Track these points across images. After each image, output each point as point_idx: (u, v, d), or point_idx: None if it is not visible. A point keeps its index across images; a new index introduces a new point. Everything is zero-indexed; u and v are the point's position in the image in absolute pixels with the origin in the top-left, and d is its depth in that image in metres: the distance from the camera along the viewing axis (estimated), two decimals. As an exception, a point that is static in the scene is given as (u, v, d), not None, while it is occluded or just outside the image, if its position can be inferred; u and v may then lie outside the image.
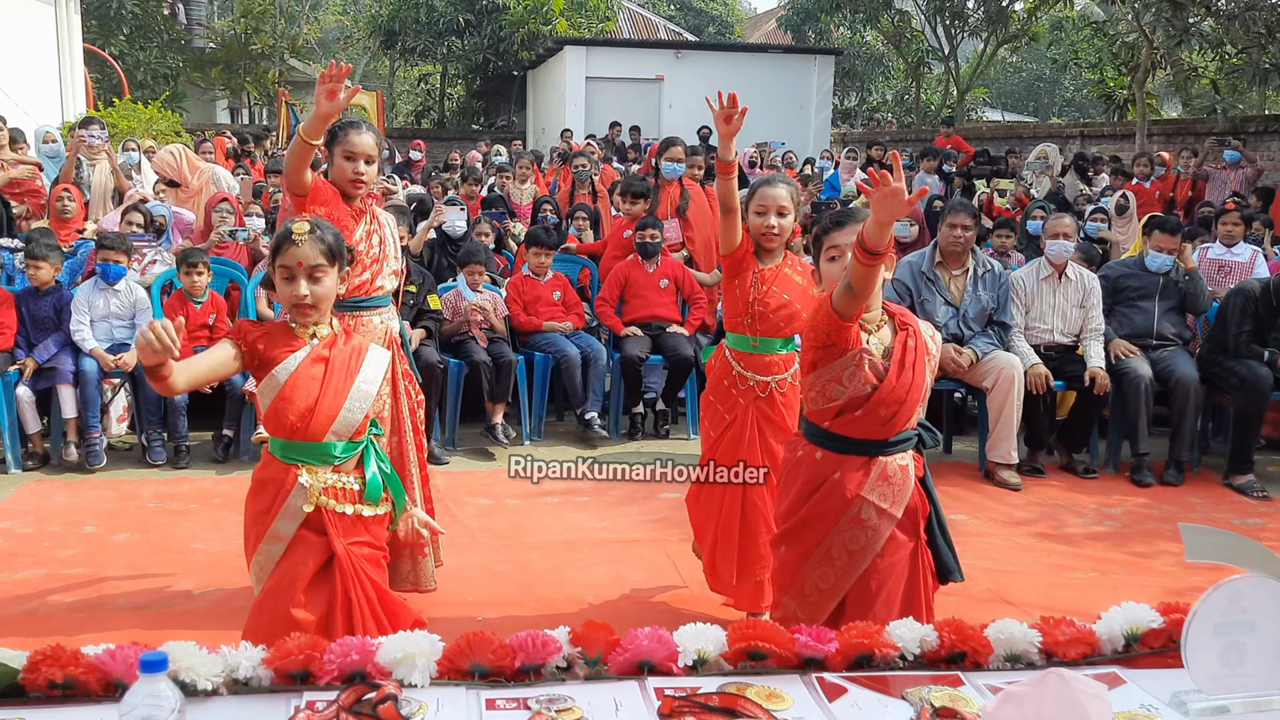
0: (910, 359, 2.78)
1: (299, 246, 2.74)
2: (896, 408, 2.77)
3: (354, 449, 2.82)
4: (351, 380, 2.78)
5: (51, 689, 1.82)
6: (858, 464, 2.81)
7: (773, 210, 3.75)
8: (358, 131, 3.82)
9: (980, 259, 6.29)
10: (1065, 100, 34.24)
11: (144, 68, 21.05)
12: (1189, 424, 6.19)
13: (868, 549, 2.82)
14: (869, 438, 2.80)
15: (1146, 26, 13.83)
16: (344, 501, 2.78)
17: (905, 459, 2.84)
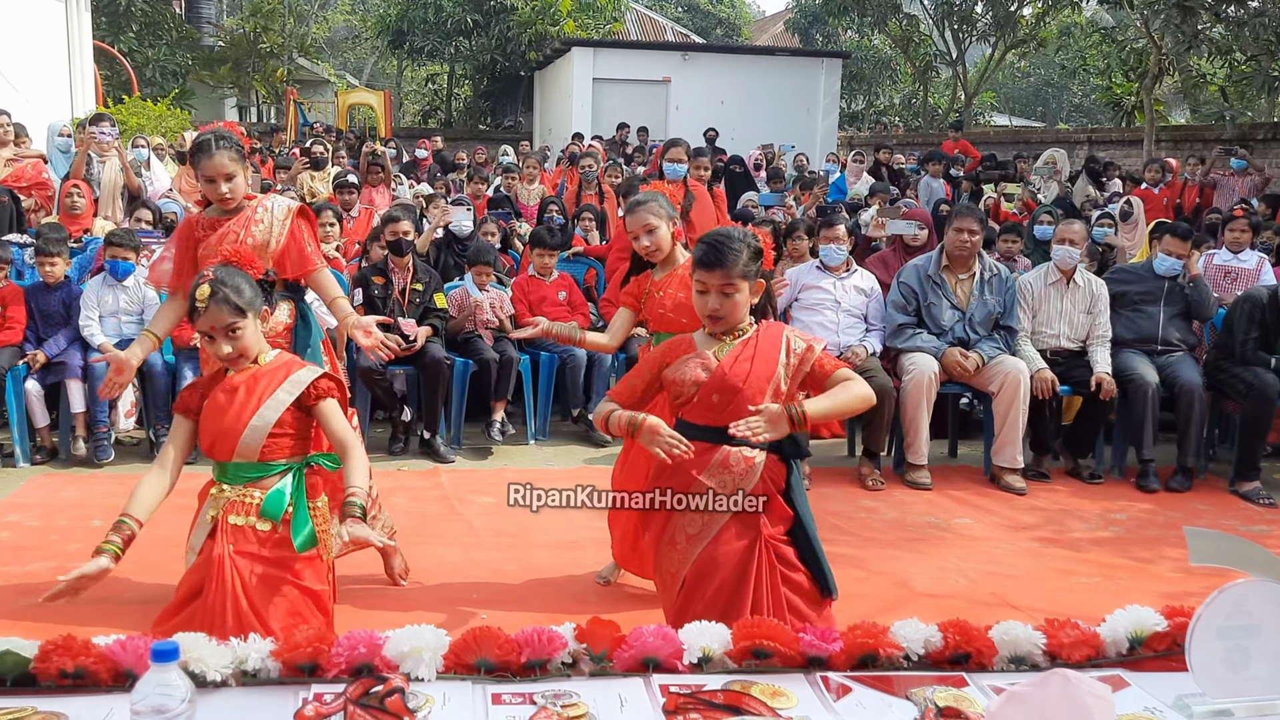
0: (747, 354, 2.89)
1: (207, 312, 2.92)
2: (730, 395, 2.86)
3: (267, 471, 2.96)
4: (256, 407, 2.93)
5: (63, 678, 1.83)
6: (700, 449, 2.87)
7: (641, 233, 4.05)
8: (208, 155, 3.84)
9: (987, 263, 6.30)
10: (1073, 106, 34.25)
11: (153, 65, 21.08)
12: (1195, 430, 6.18)
13: (703, 533, 2.90)
14: (709, 424, 2.87)
15: (1155, 32, 13.83)
16: (239, 514, 2.94)
17: (751, 454, 2.88)
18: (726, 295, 2.88)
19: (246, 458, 2.93)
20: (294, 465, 2.99)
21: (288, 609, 2.93)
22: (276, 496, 2.93)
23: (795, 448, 2.94)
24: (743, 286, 2.89)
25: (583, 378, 6.73)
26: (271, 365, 3.04)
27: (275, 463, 2.96)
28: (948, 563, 4.87)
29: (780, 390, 2.88)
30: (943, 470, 6.33)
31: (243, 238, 3.88)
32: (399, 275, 6.47)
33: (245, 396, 2.94)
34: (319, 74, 26.73)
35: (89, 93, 15.29)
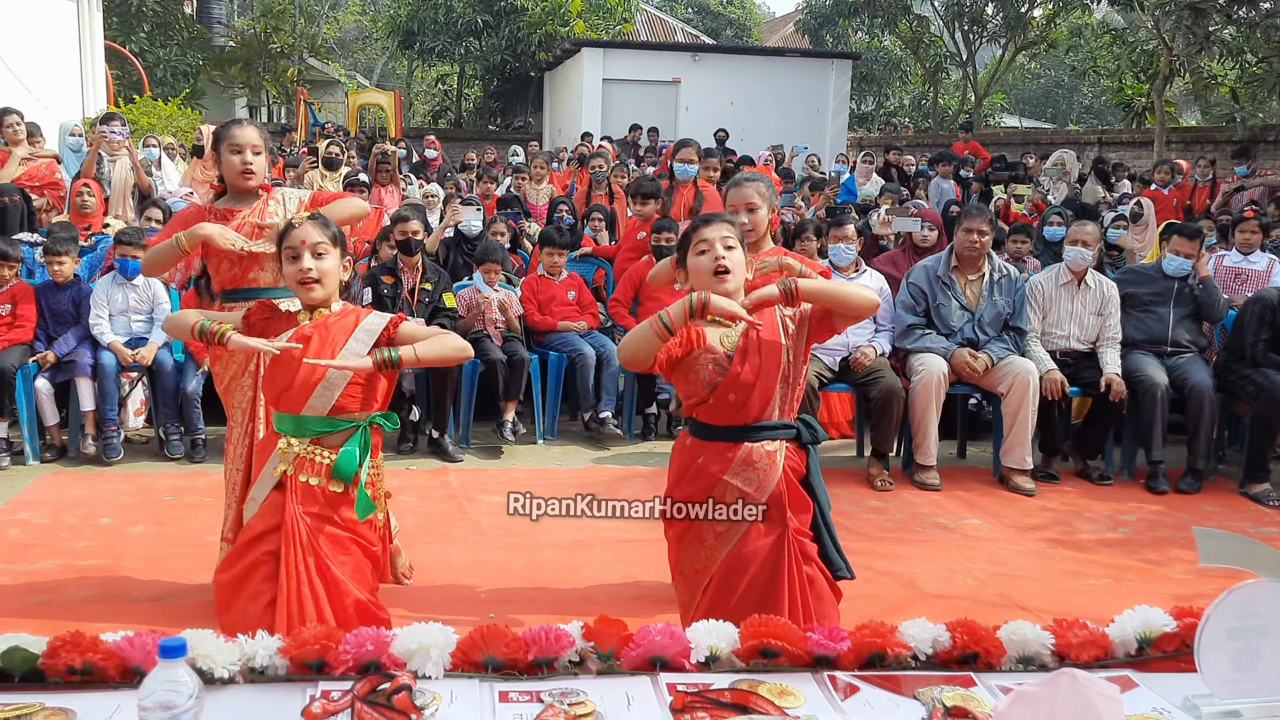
0: (754, 348, 2.89)
1: (300, 228, 3.00)
2: (746, 394, 2.88)
3: (336, 426, 2.96)
4: (331, 355, 2.92)
5: (70, 674, 1.84)
6: (722, 449, 2.92)
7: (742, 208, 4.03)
8: (239, 126, 3.97)
9: (996, 264, 6.28)
10: (1083, 107, 34.17)
11: (164, 65, 21.14)
12: (1205, 432, 6.16)
13: (730, 532, 2.93)
14: (728, 423, 2.90)
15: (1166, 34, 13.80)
16: (310, 474, 2.94)
17: (772, 447, 2.91)
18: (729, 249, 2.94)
19: (317, 411, 2.92)
20: (359, 423, 2.98)
21: (354, 566, 2.99)
22: (348, 459, 2.93)
23: (812, 433, 2.96)
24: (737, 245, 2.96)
25: (592, 378, 6.73)
26: (340, 314, 3.05)
27: (342, 419, 2.96)
28: (956, 563, 4.87)
29: (791, 373, 2.91)
30: (951, 471, 6.32)
31: (257, 226, 3.92)
32: (408, 275, 6.48)
33: (319, 345, 2.93)
34: (329, 74, 26.79)
35: (100, 92, 15.34)
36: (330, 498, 2.95)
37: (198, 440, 6.13)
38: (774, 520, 2.90)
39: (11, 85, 12.09)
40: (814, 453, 3.00)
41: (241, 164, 3.90)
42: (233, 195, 4.00)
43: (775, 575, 2.87)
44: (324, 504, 2.94)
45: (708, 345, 2.92)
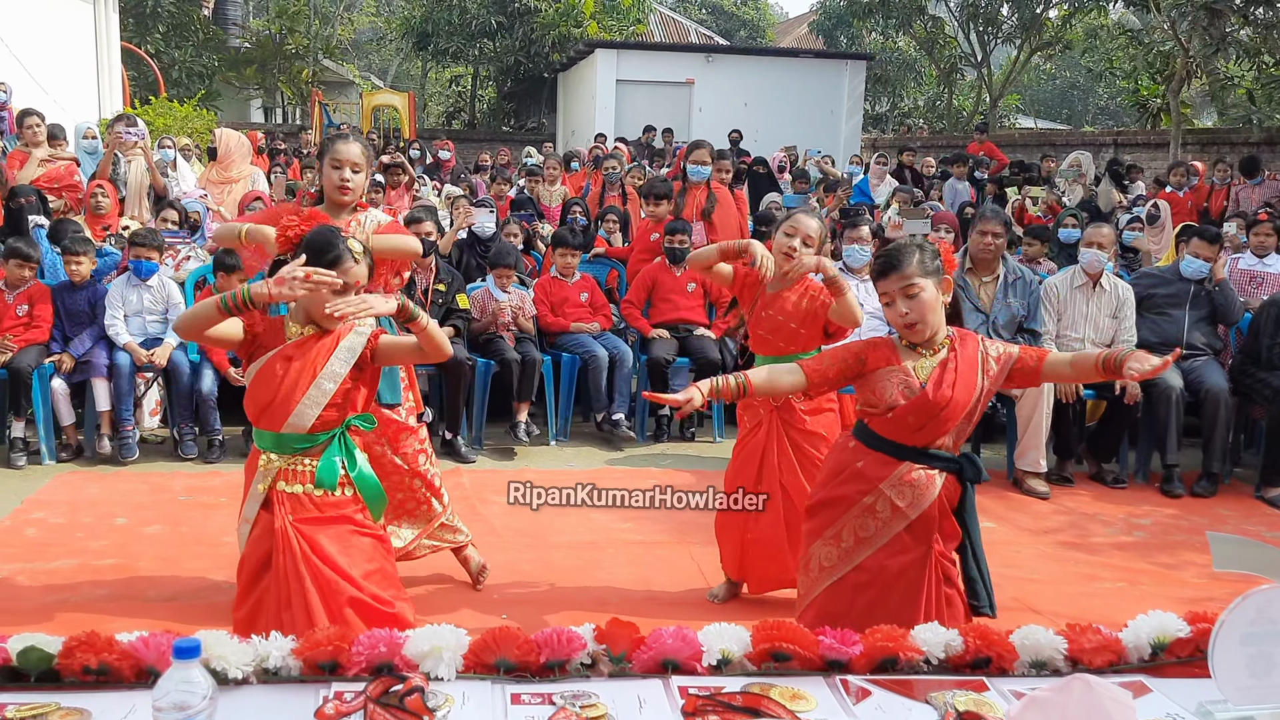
0: (949, 380, 2.85)
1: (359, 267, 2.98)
2: (926, 419, 2.86)
3: (315, 441, 2.96)
4: (310, 378, 2.91)
5: (86, 674, 1.85)
6: (884, 460, 2.92)
7: (799, 236, 3.99)
8: (344, 141, 4.02)
9: (1011, 266, 6.27)
10: (1099, 108, 34.06)
11: (180, 66, 21.23)
12: (1220, 435, 6.14)
13: (873, 539, 2.93)
14: (900, 440, 2.90)
15: (1183, 35, 13.73)
16: (294, 482, 2.94)
17: (933, 473, 2.91)
18: (911, 297, 2.86)
19: (297, 428, 2.92)
20: (336, 432, 2.99)
21: (365, 556, 2.99)
22: (329, 465, 2.94)
23: (975, 471, 2.95)
24: (926, 285, 2.86)
25: (605, 380, 6.73)
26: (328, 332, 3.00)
27: (319, 433, 2.96)
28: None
29: (975, 410, 2.90)
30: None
31: None
32: (422, 276, 6.49)
33: (301, 367, 2.92)
34: (344, 75, 26.87)
35: (116, 94, 15.41)
36: (317, 502, 2.95)
37: (213, 440, 6.16)
38: (920, 538, 2.91)
39: (29, 86, 12.16)
40: (971, 490, 2.99)
41: (339, 179, 3.96)
42: (328, 206, 4.05)
43: (915, 591, 2.90)
44: (314, 508, 2.95)
45: (902, 365, 2.90)
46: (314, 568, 2.88)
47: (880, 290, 2.92)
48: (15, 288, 6.08)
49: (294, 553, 2.89)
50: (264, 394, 2.94)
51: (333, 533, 2.95)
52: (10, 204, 7.65)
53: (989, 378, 2.89)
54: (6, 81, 11.02)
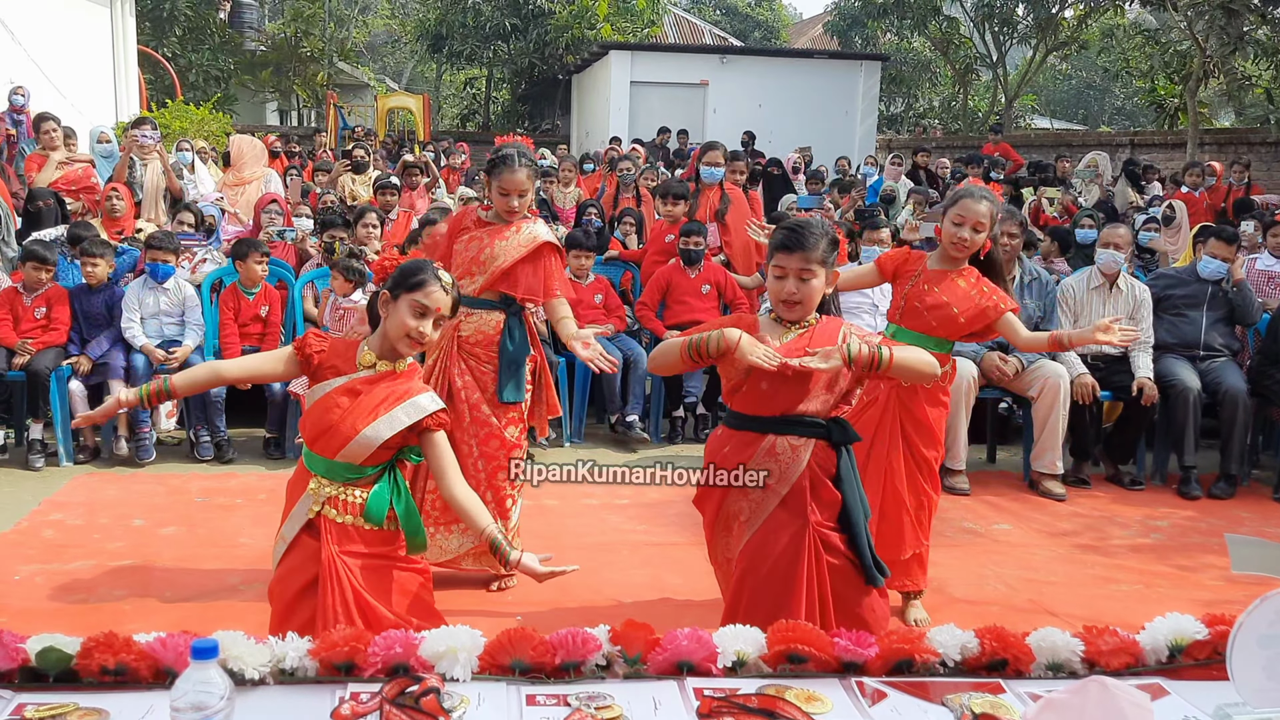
0: (802, 345, 2.86)
1: (443, 294, 2.93)
2: (780, 385, 2.85)
3: (365, 473, 2.92)
4: (370, 420, 2.87)
5: (104, 675, 1.86)
6: (748, 439, 2.92)
7: (969, 224, 3.90)
8: (510, 170, 4.15)
9: (1027, 267, 6.25)
10: (1115, 108, 33.91)
11: (196, 69, 21.32)
12: (1238, 437, 6.11)
13: (751, 520, 2.93)
14: (757, 413, 2.90)
15: (1200, 34, 13.67)
16: (343, 513, 2.90)
17: (798, 442, 2.89)
18: (804, 280, 2.88)
19: (351, 459, 2.90)
20: (387, 465, 2.97)
21: (403, 591, 2.97)
22: (378, 501, 2.91)
23: (844, 433, 2.93)
24: (820, 273, 2.89)
25: (619, 382, 6.73)
26: (399, 376, 2.98)
27: (369, 466, 2.94)
28: (985, 569, 4.84)
29: (833, 384, 2.88)
30: (981, 475, 6.29)
31: (484, 245, 4.18)
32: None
33: (366, 403, 2.89)
34: (359, 78, 26.94)
35: (133, 97, 15.50)
36: (365, 534, 2.93)
37: (221, 441, 6.18)
38: (794, 512, 2.89)
39: (46, 90, 12.23)
40: (846, 454, 2.97)
41: (507, 206, 4.18)
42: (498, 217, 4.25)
43: (795, 565, 2.87)
44: (360, 541, 2.92)
45: (761, 337, 2.90)
46: (361, 599, 2.87)
47: (777, 262, 2.92)
48: (33, 290, 6.12)
49: (340, 583, 2.87)
50: (323, 421, 2.91)
51: (377, 566, 2.94)
52: (29, 207, 7.70)
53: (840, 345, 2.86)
54: (24, 85, 11.09)
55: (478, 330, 4.23)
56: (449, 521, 4.24)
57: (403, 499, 2.97)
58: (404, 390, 2.93)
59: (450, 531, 4.25)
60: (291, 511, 3.00)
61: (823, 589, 2.87)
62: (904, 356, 2.87)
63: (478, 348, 4.22)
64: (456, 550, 4.30)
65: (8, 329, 6.03)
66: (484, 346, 4.22)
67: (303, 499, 2.96)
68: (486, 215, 4.28)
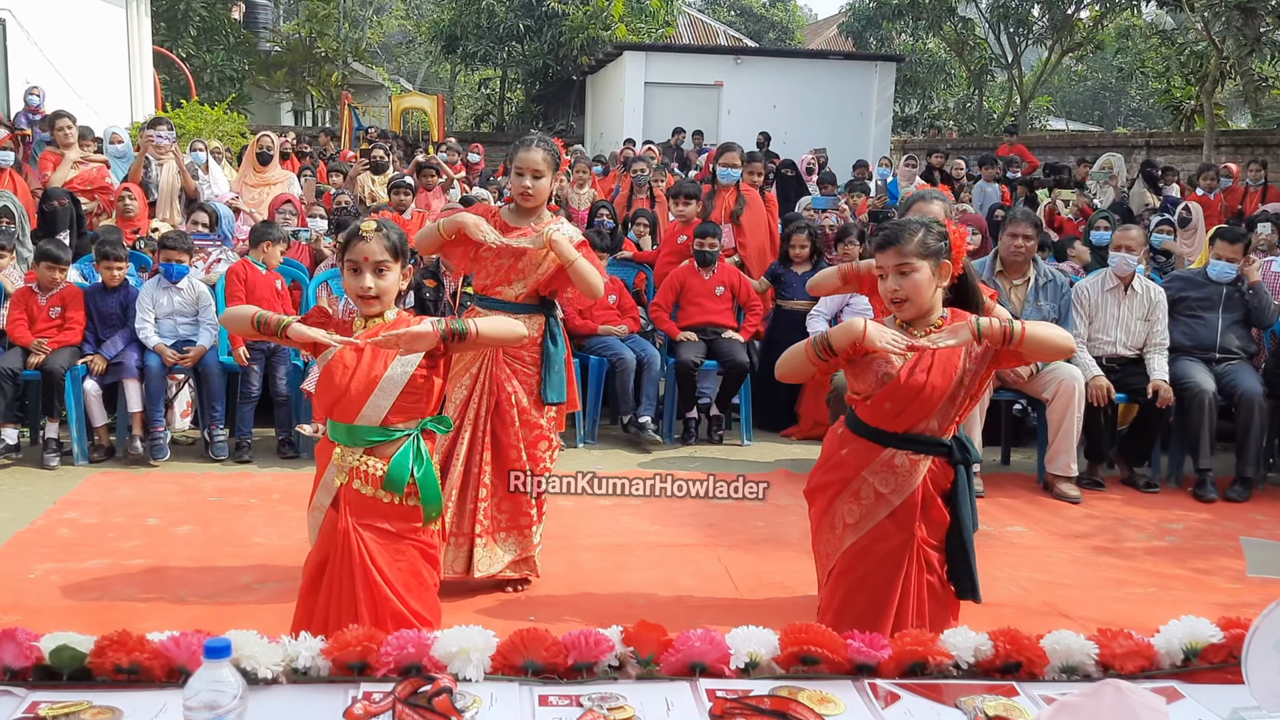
0: (926, 364, 2.85)
1: (366, 243, 2.95)
2: (904, 405, 2.87)
3: (389, 436, 2.94)
4: (384, 367, 2.90)
5: (117, 673, 1.87)
6: (868, 446, 2.94)
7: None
8: (526, 149, 4.11)
9: (1042, 269, 6.22)
10: (1131, 110, 33.76)
11: (211, 70, 21.40)
12: (1254, 439, 6.07)
13: (859, 525, 2.95)
14: (881, 426, 2.92)
15: (1216, 35, 13.62)
16: (366, 484, 2.93)
17: (917, 457, 2.91)
18: (904, 275, 2.86)
19: (370, 420, 2.90)
20: (411, 431, 2.97)
21: (409, 569, 2.99)
22: (399, 469, 2.92)
23: (964, 452, 2.94)
24: (921, 266, 2.85)
25: (632, 382, 6.73)
26: (392, 324, 2.99)
27: (395, 428, 2.94)
28: (999, 571, 4.82)
29: (960, 394, 2.88)
30: (995, 478, 6.27)
31: (518, 250, 4.09)
32: (450, 278, 6.52)
33: (371, 358, 2.91)
34: (373, 79, 27.01)
35: (148, 97, 15.57)
36: (384, 507, 2.95)
37: (243, 442, 6.22)
38: (903, 524, 2.92)
39: (62, 90, 12.29)
40: (963, 473, 2.97)
41: (520, 187, 4.10)
42: (518, 211, 4.19)
43: (894, 576, 2.91)
44: (377, 513, 2.94)
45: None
46: (368, 575, 2.89)
47: (878, 262, 2.93)
48: (47, 290, 6.14)
49: (352, 557, 2.90)
50: (335, 385, 2.92)
51: (390, 541, 2.96)
52: (44, 206, 7.73)
53: (973, 359, 2.87)
54: (40, 85, 11.15)
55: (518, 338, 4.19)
56: (501, 529, 4.22)
57: (423, 466, 2.97)
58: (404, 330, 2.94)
59: (499, 540, 4.22)
60: (321, 480, 3.04)
61: (919, 603, 2.88)
62: (1036, 331, 2.83)
63: (522, 351, 4.19)
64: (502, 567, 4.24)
65: (23, 328, 6.06)
66: (528, 349, 4.20)
67: (328, 470, 3.00)
68: (507, 211, 4.23)
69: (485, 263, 4.15)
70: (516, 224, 4.16)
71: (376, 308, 3.00)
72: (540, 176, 4.08)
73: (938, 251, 2.89)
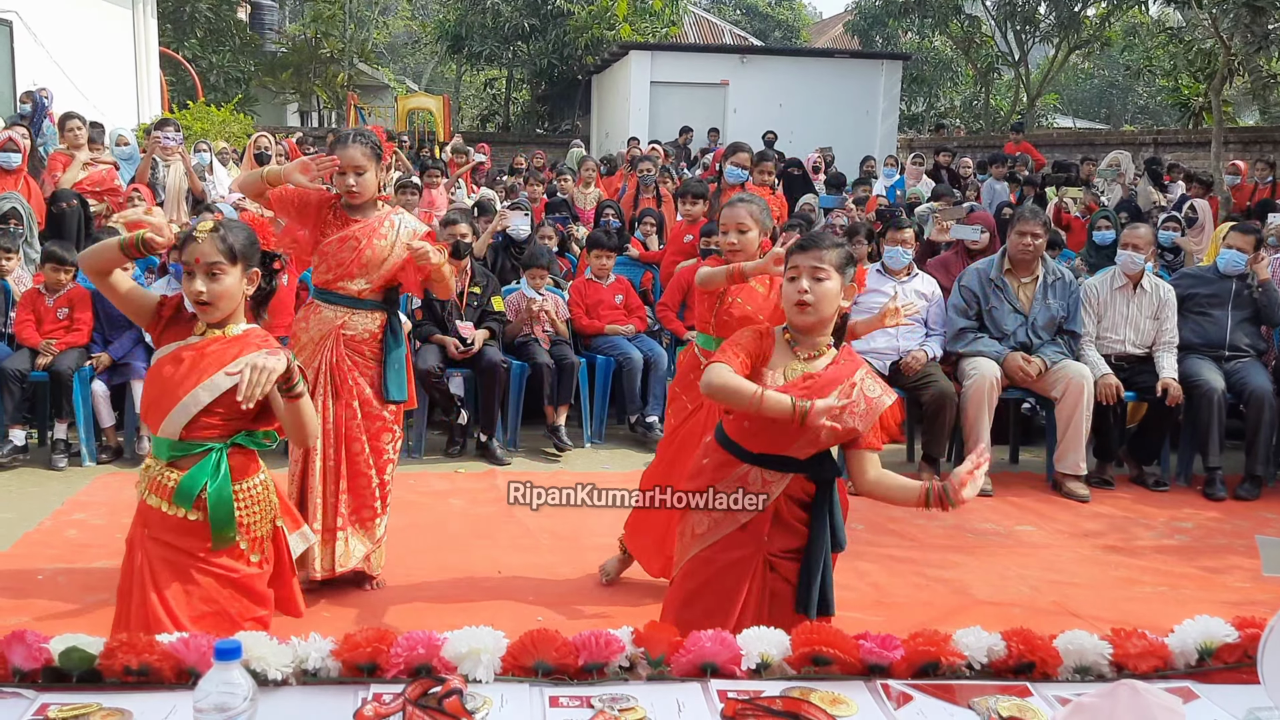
0: (801, 394, 2.73)
1: (198, 244, 2.74)
2: (761, 427, 2.79)
3: (190, 450, 2.72)
4: (193, 384, 2.70)
5: (127, 675, 1.86)
6: (727, 460, 2.88)
7: (733, 229, 4.08)
8: (343, 147, 4.09)
9: (1050, 267, 6.21)
10: (1138, 107, 33.66)
11: (217, 71, 21.42)
12: (1264, 437, 6.05)
13: (705, 536, 2.90)
14: (740, 443, 2.85)
15: (1224, 32, 13.57)
16: (156, 495, 2.75)
17: (771, 476, 2.82)
18: (818, 280, 2.81)
19: (169, 434, 2.71)
20: (215, 445, 2.72)
21: (201, 597, 2.73)
22: (190, 481, 2.69)
23: (821, 469, 2.86)
24: (834, 276, 2.81)
25: (639, 382, 6.72)
26: (228, 340, 2.78)
27: (197, 441, 2.72)
28: (1009, 570, 4.81)
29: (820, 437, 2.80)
30: (1004, 476, 6.25)
31: (362, 247, 4.10)
32: (457, 278, 6.50)
33: (189, 369, 2.71)
34: (379, 79, 27.00)
35: (155, 98, 15.59)
36: (174, 523, 2.72)
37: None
38: (752, 536, 2.85)
39: (69, 92, 12.31)
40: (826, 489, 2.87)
41: (343, 185, 4.09)
42: (354, 205, 4.17)
43: (737, 586, 2.83)
44: (169, 530, 2.72)
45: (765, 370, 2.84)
46: (144, 595, 2.70)
47: (791, 264, 2.87)
48: (54, 291, 6.15)
49: (133, 571, 2.76)
50: (150, 391, 2.78)
51: (174, 562, 2.72)
52: (52, 208, 7.74)
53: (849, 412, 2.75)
54: (48, 87, 11.17)
55: (364, 329, 4.21)
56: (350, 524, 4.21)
57: (218, 485, 2.70)
58: (234, 353, 2.73)
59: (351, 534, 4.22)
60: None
61: (758, 615, 2.80)
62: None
63: (364, 345, 4.21)
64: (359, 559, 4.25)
65: (31, 330, 6.07)
66: (369, 344, 4.22)
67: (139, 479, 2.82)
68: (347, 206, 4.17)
69: (327, 256, 4.15)
70: (357, 215, 4.16)
71: (213, 314, 2.77)
72: (363, 172, 4.07)
73: (848, 271, 2.87)
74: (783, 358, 2.86)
